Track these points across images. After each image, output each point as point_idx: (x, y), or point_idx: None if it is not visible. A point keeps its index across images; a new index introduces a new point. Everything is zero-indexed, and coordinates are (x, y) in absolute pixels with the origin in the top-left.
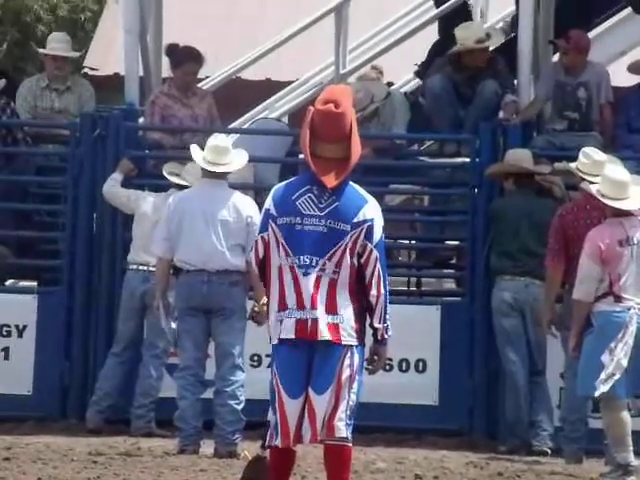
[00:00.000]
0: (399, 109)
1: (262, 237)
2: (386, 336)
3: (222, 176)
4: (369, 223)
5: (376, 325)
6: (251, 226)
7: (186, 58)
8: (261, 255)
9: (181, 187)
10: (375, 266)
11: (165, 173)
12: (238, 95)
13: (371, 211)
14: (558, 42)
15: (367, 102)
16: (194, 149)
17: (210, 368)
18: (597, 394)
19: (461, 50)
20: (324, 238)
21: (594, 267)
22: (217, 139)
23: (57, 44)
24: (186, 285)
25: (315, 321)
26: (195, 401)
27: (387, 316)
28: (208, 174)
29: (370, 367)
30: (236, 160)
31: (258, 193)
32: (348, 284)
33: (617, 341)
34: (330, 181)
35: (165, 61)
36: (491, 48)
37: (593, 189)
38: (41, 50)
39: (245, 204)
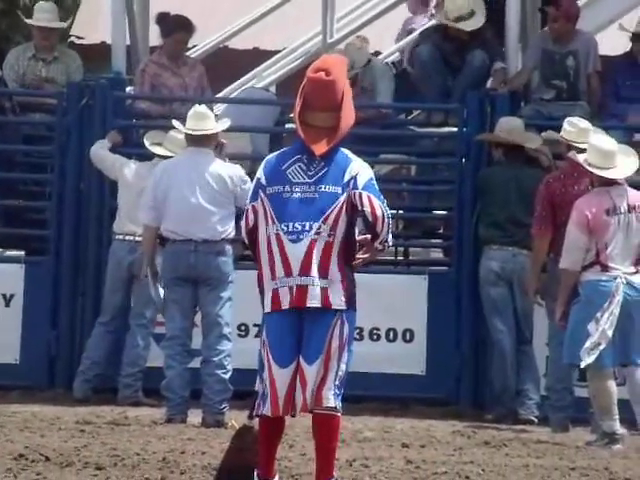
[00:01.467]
0: (381, 77)
1: (253, 206)
2: (385, 246)
3: (206, 143)
4: (354, 177)
5: (377, 245)
6: (239, 194)
7: (177, 27)
8: (251, 224)
9: (164, 157)
10: (371, 202)
11: (147, 143)
12: (226, 64)
13: (355, 167)
14: (548, 9)
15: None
16: (176, 123)
17: (197, 337)
18: (582, 364)
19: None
20: (316, 203)
21: (581, 236)
22: (198, 107)
23: (43, 14)
24: (173, 254)
25: (303, 288)
26: (182, 370)
27: (388, 241)
28: (192, 141)
29: (358, 259)
30: (217, 125)
31: (255, 163)
32: (342, 246)
33: (603, 310)
34: (319, 149)
35: (153, 30)
36: (468, 29)
37: (580, 158)
38: (28, 20)
39: (232, 172)
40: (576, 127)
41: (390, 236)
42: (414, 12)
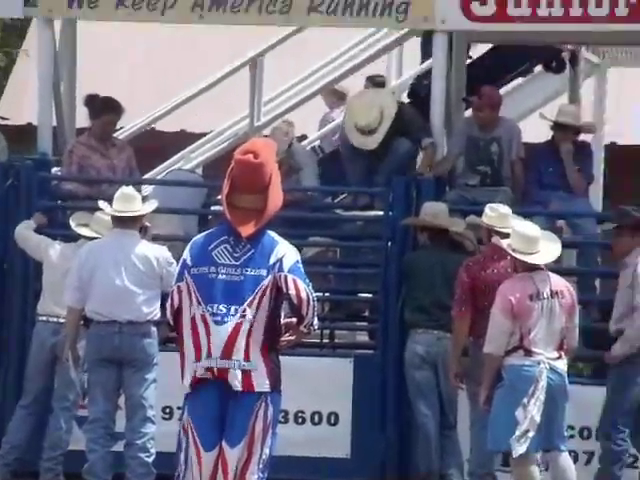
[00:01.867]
0: (305, 161)
1: (178, 286)
2: (310, 330)
3: (132, 225)
4: (280, 260)
5: (302, 329)
6: (165, 276)
7: (105, 108)
8: (176, 305)
9: (90, 238)
10: (296, 285)
11: (73, 225)
12: (152, 146)
13: (282, 249)
14: (471, 99)
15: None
16: (102, 204)
17: (120, 421)
18: (515, 455)
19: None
20: (241, 286)
21: (505, 321)
22: (124, 189)
23: None
24: (97, 336)
25: (224, 371)
26: (105, 454)
27: (314, 325)
28: (118, 223)
29: (283, 341)
30: (144, 207)
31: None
32: (266, 329)
33: (529, 396)
34: (245, 230)
35: (79, 111)
36: (369, 147)
37: (504, 243)
38: None
39: (158, 254)
40: (496, 212)
41: (316, 319)
42: (331, 107)
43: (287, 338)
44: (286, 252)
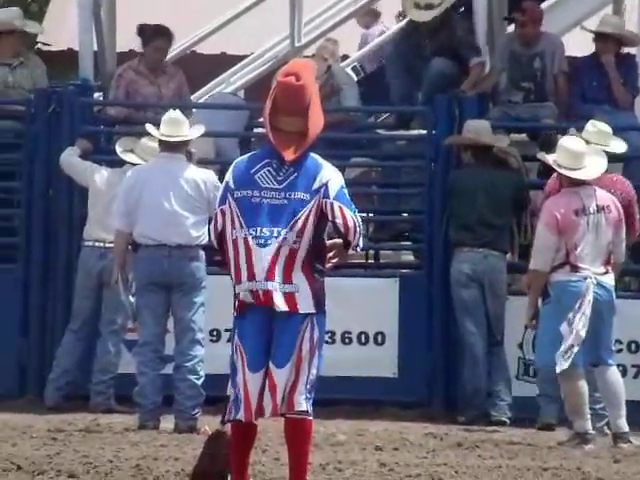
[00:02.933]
0: (343, 83)
1: (221, 210)
2: (356, 251)
3: (179, 149)
4: (324, 185)
5: (350, 251)
6: (212, 200)
7: (155, 34)
8: (220, 227)
9: (136, 164)
10: (343, 214)
11: (118, 151)
12: (193, 69)
13: (326, 174)
14: (514, 15)
15: (327, 82)
16: (149, 128)
17: (169, 344)
18: (558, 370)
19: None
20: (284, 209)
21: (550, 237)
22: (172, 113)
23: (20, 22)
24: (146, 260)
25: (267, 292)
26: (155, 377)
27: (359, 246)
28: (165, 147)
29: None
30: (192, 132)
31: (224, 167)
32: (308, 253)
33: (575, 312)
34: (289, 155)
35: (120, 36)
36: (420, 19)
37: (550, 159)
38: (13, 25)
39: (205, 178)
40: (596, 128)
41: (361, 241)
42: (367, 26)
43: (333, 260)
44: (331, 177)
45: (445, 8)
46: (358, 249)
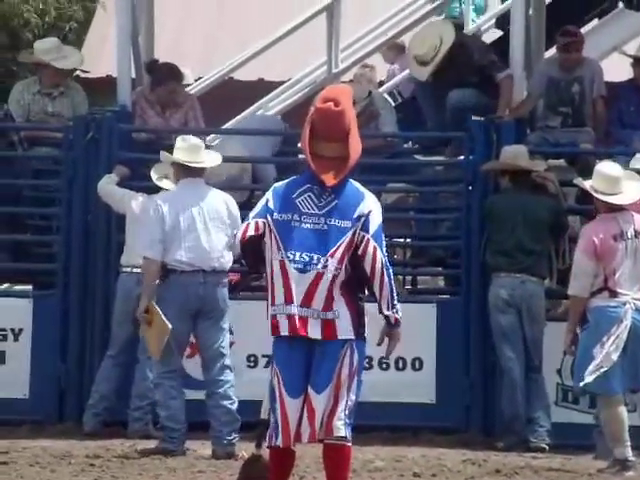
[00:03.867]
0: (383, 108)
1: (256, 222)
2: (398, 317)
3: (201, 174)
4: (365, 216)
5: (385, 312)
6: (234, 220)
7: (166, 77)
8: (248, 235)
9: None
10: (375, 255)
11: (154, 177)
12: (231, 96)
13: (368, 204)
14: (559, 38)
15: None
16: (164, 155)
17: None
18: (581, 384)
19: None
20: (325, 235)
21: (589, 262)
22: (188, 138)
23: (51, 54)
24: (181, 286)
25: (304, 319)
26: (183, 402)
27: (395, 301)
28: (188, 173)
29: (386, 351)
30: (212, 158)
31: (253, 192)
32: (348, 280)
33: (610, 335)
34: (329, 180)
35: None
36: (421, 78)
37: (587, 184)
38: (34, 59)
39: (227, 198)
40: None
41: (398, 304)
42: (392, 62)
43: (390, 347)
44: (373, 209)
45: (440, 60)
46: (395, 312)
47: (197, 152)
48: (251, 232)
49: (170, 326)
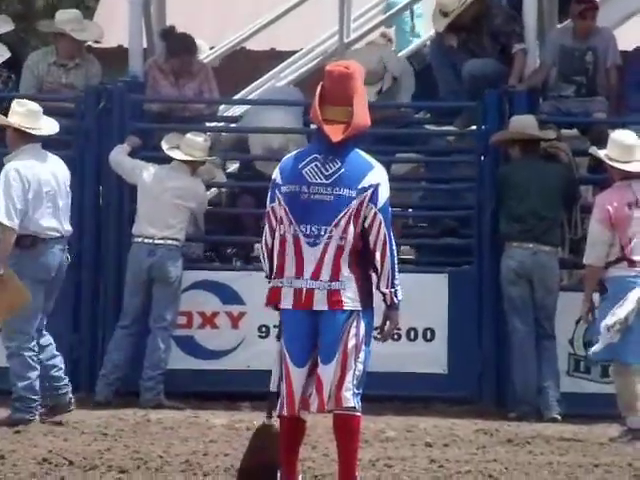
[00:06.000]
0: (404, 78)
1: (272, 207)
2: (395, 300)
3: (39, 140)
4: (374, 187)
5: (383, 290)
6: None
7: (180, 49)
8: (274, 220)
9: (182, 161)
10: (379, 229)
11: (165, 148)
12: (243, 65)
13: (376, 176)
14: (574, 5)
15: (381, 73)
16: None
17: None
18: (591, 350)
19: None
20: (331, 206)
21: (603, 231)
22: (26, 104)
23: (70, 24)
24: (50, 254)
25: (311, 291)
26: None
27: (395, 280)
28: (30, 139)
29: (380, 334)
30: (48, 124)
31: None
32: (353, 250)
33: (625, 301)
34: (336, 135)
35: None
36: (436, 28)
37: (601, 153)
38: (55, 28)
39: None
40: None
41: (397, 282)
42: None
43: (387, 329)
44: (381, 181)
45: (457, 14)
46: (394, 294)
47: (36, 117)
48: (272, 222)
49: (29, 296)
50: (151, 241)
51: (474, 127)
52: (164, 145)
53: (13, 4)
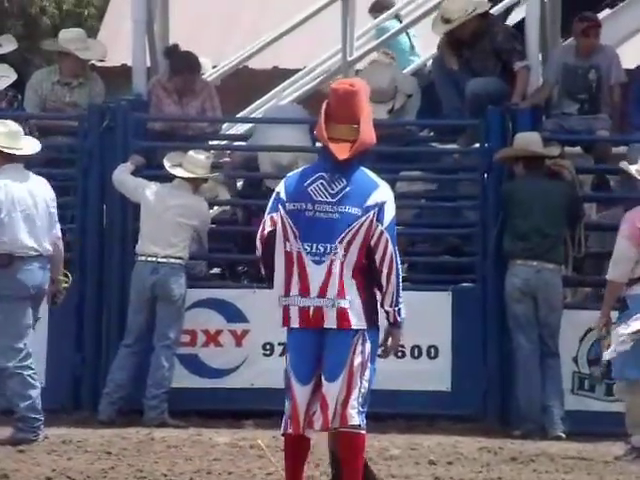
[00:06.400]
0: (415, 97)
1: (271, 217)
2: (399, 319)
3: (20, 160)
4: (379, 206)
5: (387, 308)
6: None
7: (183, 67)
8: (267, 230)
9: (185, 178)
10: (386, 248)
11: (167, 166)
12: (245, 84)
13: (382, 194)
14: (576, 23)
15: (392, 92)
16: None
17: None
18: (603, 359)
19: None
20: (336, 224)
21: (630, 248)
22: (9, 124)
23: (75, 43)
24: (27, 271)
25: (319, 309)
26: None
27: (399, 299)
28: (11, 159)
29: (382, 352)
30: (30, 144)
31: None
32: (357, 267)
33: (638, 318)
34: (341, 153)
35: None
36: (437, 32)
37: (632, 169)
38: (59, 48)
39: (49, 185)
40: None
41: (401, 301)
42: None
43: (389, 345)
44: (387, 200)
45: (460, 22)
46: (399, 318)
47: (17, 138)
48: (268, 228)
49: None
50: (154, 259)
51: (477, 145)
52: (166, 163)
53: (16, 27)
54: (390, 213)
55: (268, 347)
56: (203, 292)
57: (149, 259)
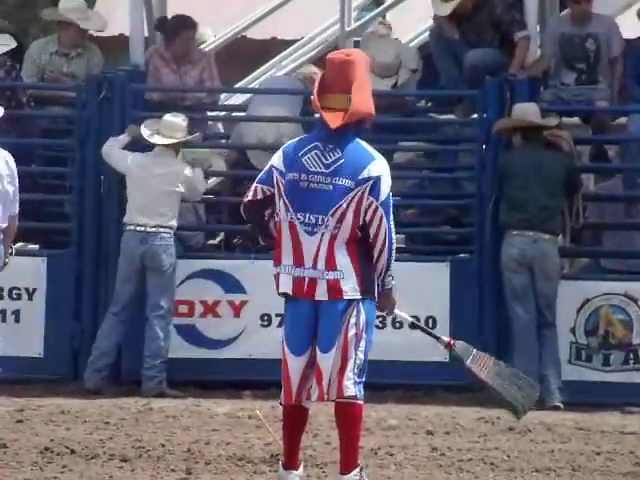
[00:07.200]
0: (415, 66)
1: (255, 187)
2: (382, 290)
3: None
4: (374, 180)
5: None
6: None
7: (182, 26)
8: (247, 199)
9: (166, 145)
10: (380, 224)
11: (145, 134)
12: (243, 54)
13: (378, 168)
14: None
15: (396, 67)
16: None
17: None
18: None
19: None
20: (329, 196)
21: None
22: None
23: (75, 13)
24: None
25: (313, 280)
26: None
27: (389, 273)
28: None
29: (386, 314)
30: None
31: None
32: (350, 239)
33: None
34: (334, 122)
35: None
36: (446, 12)
37: None
38: (60, 17)
39: (9, 157)
40: None
41: (390, 275)
42: None
43: (386, 308)
44: (382, 173)
45: (459, 2)
46: (388, 278)
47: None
48: (249, 197)
49: None
50: (143, 229)
51: (475, 116)
52: (144, 132)
53: None
54: (386, 188)
55: (266, 318)
56: (201, 262)
57: (138, 229)
